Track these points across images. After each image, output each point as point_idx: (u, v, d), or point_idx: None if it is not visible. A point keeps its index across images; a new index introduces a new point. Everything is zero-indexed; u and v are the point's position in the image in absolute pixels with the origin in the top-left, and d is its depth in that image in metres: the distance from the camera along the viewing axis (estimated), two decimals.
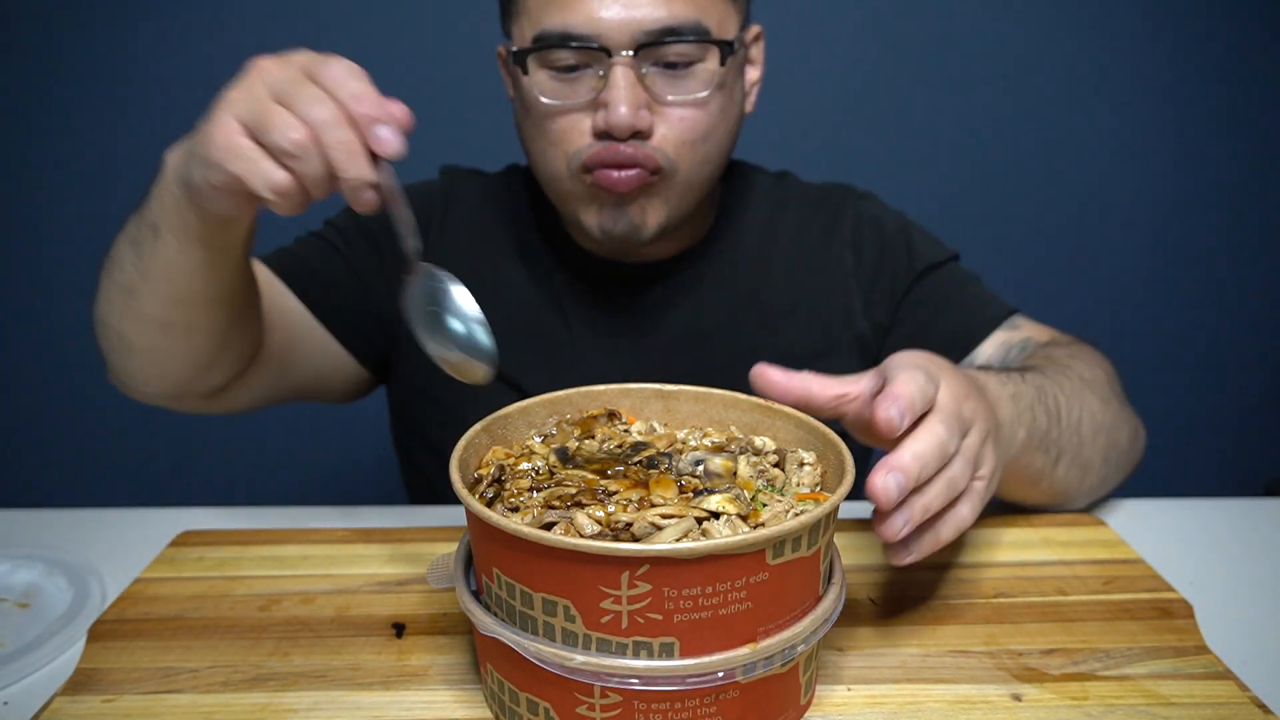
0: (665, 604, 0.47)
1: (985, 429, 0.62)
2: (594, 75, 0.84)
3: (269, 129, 0.57)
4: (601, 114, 0.84)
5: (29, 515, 0.89)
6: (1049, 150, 1.88)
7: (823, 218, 1.04)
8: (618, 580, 0.47)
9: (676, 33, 0.83)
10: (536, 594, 0.49)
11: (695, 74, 0.86)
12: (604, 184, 0.86)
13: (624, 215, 0.89)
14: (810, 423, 0.61)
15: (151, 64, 1.76)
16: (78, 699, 0.59)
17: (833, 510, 0.52)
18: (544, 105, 0.86)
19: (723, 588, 0.48)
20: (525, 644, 0.50)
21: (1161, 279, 1.96)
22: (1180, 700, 0.59)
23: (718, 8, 0.86)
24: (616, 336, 0.98)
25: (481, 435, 0.61)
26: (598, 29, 0.82)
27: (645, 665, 0.48)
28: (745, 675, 0.50)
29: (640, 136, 0.85)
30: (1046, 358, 0.88)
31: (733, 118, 0.92)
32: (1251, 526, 0.86)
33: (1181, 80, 1.85)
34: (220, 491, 1.84)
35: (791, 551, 0.49)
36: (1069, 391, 0.81)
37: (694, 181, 0.90)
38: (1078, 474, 0.81)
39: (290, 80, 0.58)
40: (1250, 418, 2.05)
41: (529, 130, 0.90)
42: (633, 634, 0.48)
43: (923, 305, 1.00)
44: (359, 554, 0.78)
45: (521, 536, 0.48)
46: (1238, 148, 1.89)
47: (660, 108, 0.85)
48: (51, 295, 1.86)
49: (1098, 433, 0.82)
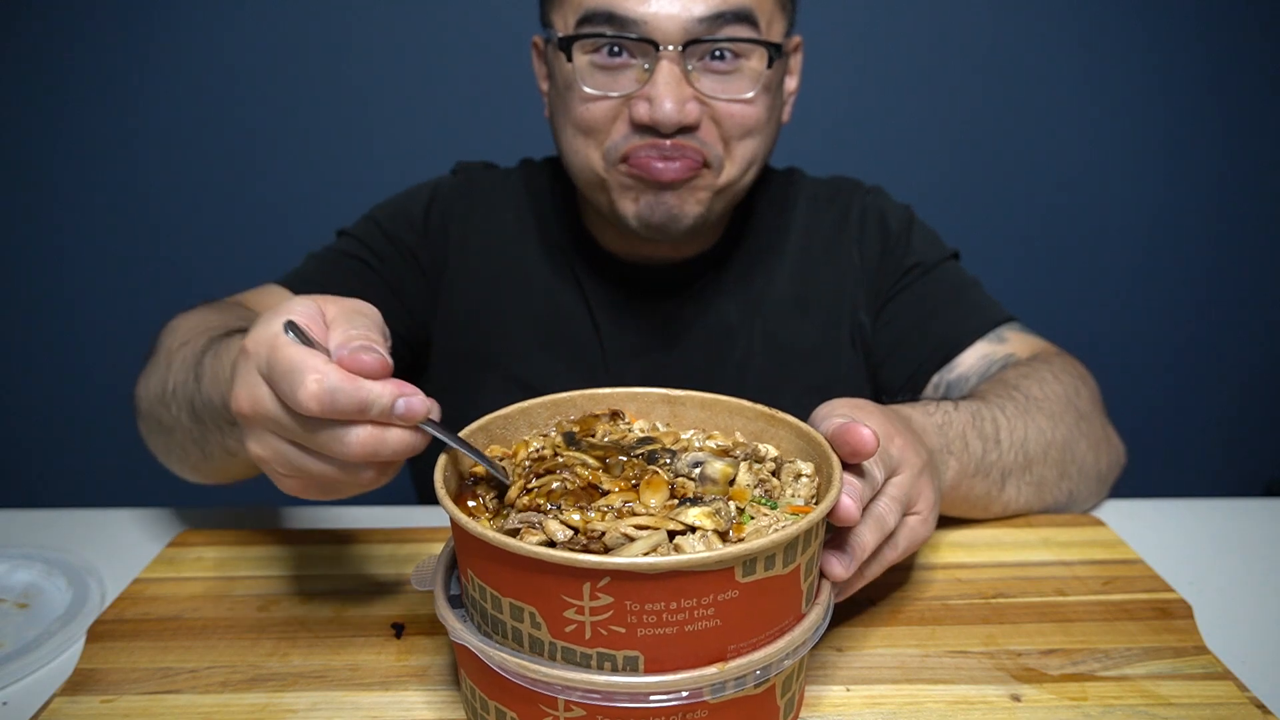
0: (628, 617, 0.46)
1: (918, 465, 0.62)
2: (639, 68, 0.83)
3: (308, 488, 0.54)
4: (644, 106, 0.82)
5: (29, 515, 0.89)
6: (1050, 150, 1.88)
7: (832, 212, 1.04)
8: (579, 591, 0.46)
9: (726, 19, 0.82)
10: (505, 599, 0.49)
11: (742, 73, 0.85)
12: (645, 172, 0.84)
13: (662, 203, 0.87)
14: (810, 433, 0.59)
15: (152, 61, 1.76)
16: (77, 699, 0.59)
17: (812, 528, 0.50)
18: (585, 93, 0.85)
19: (688, 604, 0.46)
20: (490, 653, 0.49)
21: (1161, 279, 1.96)
22: (1179, 701, 0.59)
23: (767, 6, 0.86)
24: (641, 337, 0.98)
25: (479, 434, 0.61)
26: (646, 16, 0.81)
27: (606, 680, 0.47)
28: (714, 695, 0.49)
29: (686, 131, 0.84)
30: (998, 381, 0.88)
31: (774, 123, 0.92)
32: (1250, 526, 0.86)
33: (1181, 80, 1.85)
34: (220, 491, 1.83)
35: (764, 570, 0.48)
36: (1011, 413, 0.81)
37: (736, 181, 0.89)
38: (1031, 492, 0.82)
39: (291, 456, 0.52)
40: (1249, 418, 2.05)
41: (565, 122, 0.89)
42: (596, 645, 0.47)
43: (911, 307, 1.00)
44: (359, 554, 0.78)
45: (488, 541, 0.47)
46: (1238, 148, 1.89)
47: (708, 104, 0.84)
48: (52, 296, 1.86)
49: (1048, 449, 0.82)
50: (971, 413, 0.78)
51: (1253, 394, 2.03)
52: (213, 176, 1.80)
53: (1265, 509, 0.90)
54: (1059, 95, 1.85)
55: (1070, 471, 0.84)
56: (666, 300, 0.99)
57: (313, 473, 0.52)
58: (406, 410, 0.50)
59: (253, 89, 1.78)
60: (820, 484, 0.58)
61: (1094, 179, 1.90)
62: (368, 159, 1.77)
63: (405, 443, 0.51)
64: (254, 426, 0.53)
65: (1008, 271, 1.85)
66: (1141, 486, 0.92)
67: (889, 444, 0.61)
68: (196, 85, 1.78)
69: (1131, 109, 1.86)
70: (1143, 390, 1.98)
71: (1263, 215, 1.93)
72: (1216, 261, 1.96)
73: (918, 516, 0.63)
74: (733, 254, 1.00)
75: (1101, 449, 0.88)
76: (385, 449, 0.51)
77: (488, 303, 1.01)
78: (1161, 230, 1.93)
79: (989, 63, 1.82)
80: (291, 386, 0.48)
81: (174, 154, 1.81)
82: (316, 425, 0.50)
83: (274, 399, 0.51)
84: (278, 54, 1.76)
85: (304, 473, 0.53)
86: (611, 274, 0.99)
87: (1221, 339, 2.00)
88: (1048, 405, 0.84)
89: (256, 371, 0.51)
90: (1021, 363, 0.93)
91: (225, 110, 1.79)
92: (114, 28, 1.74)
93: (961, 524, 0.82)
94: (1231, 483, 2.06)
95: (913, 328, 0.98)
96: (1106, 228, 1.93)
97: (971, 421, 0.77)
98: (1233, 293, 1.98)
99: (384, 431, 0.50)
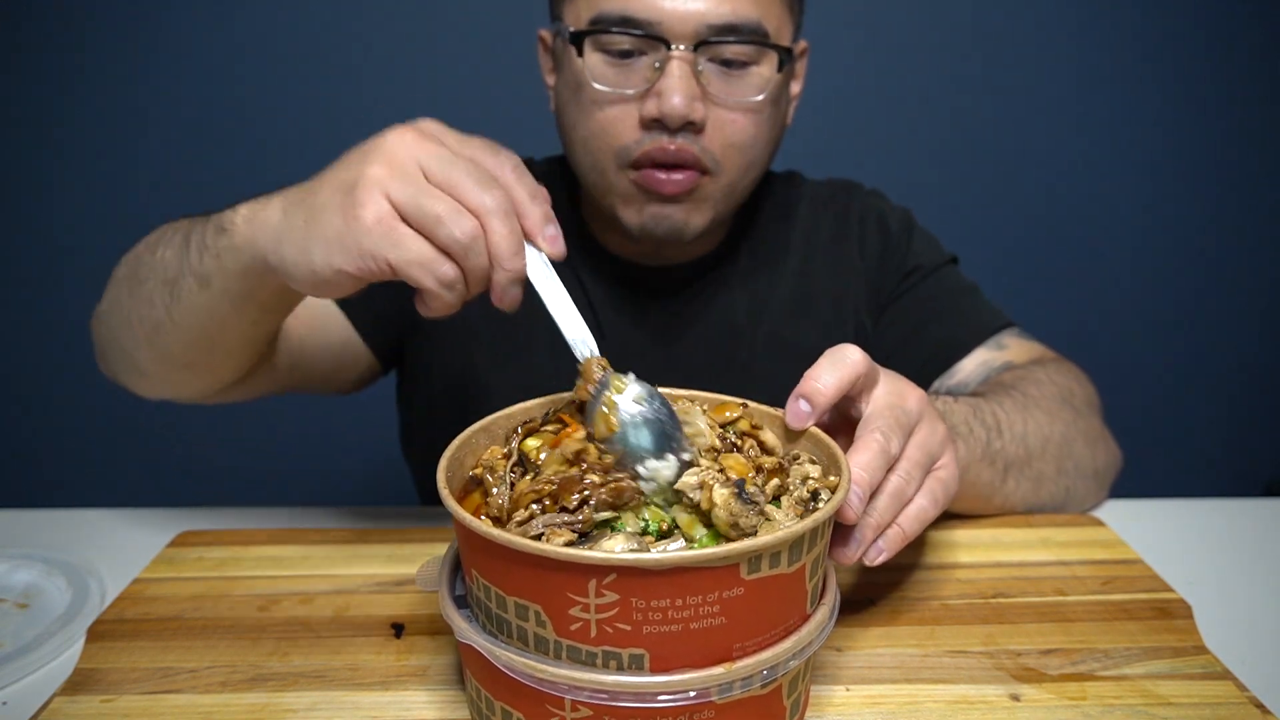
0: (634, 614, 0.46)
1: (933, 414, 0.62)
2: (649, 65, 0.83)
3: (438, 219, 0.53)
4: (654, 102, 0.82)
5: (29, 515, 0.89)
6: (1048, 152, 1.89)
7: (832, 214, 1.04)
8: (585, 588, 0.46)
9: (737, 30, 0.82)
10: (510, 598, 0.49)
11: (750, 76, 0.85)
12: (651, 185, 0.85)
13: (667, 217, 0.87)
14: (820, 436, 0.59)
15: (152, 61, 1.76)
16: (77, 699, 0.59)
17: (818, 526, 0.49)
18: (595, 90, 0.85)
19: (694, 601, 0.46)
20: (497, 653, 0.49)
21: (1161, 279, 1.97)
22: (1179, 700, 0.59)
23: (777, 13, 0.86)
24: (645, 338, 0.98)
25: (480, 435, 0.61)
26: (659, 16, 0.81)
27: (614, 680, 0.47)
28: (721, 696, 0.48)
29: (691, 130, 0.84)
30: (994, 384, 0.89)
31: (778, 127, 0.92)
32: (1250, 526, 0.86)
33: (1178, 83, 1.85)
34: (220, 491, 1.84)
35: (770, 567, 0.48)
36: (1009, 408, 0.81)
37: (737, 186, 0.90)
38: (1030, 486, 0.82)
39: (447, 160, 0.55)
40: (1249, 418, 2.05)
41: (573, 117, 0.88)
42: (602, 643, 0.47)
43: (910, 312, 1.00)
44: (359, 554, 0.78)
45: (493, 539, 0.47)
46: (1238, 149, 1.89)
47: (712, 107, 0.84)
48: (52, 296, 1.86)
49: (1046, 444, 0.82)
50: (971, 405, 0.78)
51: (1252, 394, 2.03)
52: (213, 176, 1.80)
53: (1265, 509, 0.90)
54: (1055, 99, 1.85)
55: (1068, 468, 0.84)
56: (670, 301, 0.99)
57: (425, 203, 0.53)
58: (553, 238, 0.56)
59: (252, 86, 1.78)
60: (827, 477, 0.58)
61: (1092, 180, 1.90)
62: None
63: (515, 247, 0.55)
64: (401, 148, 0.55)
65: (1006, 272, 1.85)
66: (1141, 486, 0.92)
67: (904, 401, 0.60)
68: (195, 85, 1.78)
69: (1129, 110, 1.86)
70: (1143, 390, 1.98)
71: (1262, 215, 1.94)
72: (1216, 262, 1.96)
73: (945, 470, 0.62)
74: (736, 256, 1.00)
75: (1098, 447, 0.88)
76: (496, 234, 0.54)
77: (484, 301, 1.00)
78: (1161, 231, 1.94)
79: (985, 68, 1.83)
80: (493, 148, 0.55)
81: (174, 153, 1.81)
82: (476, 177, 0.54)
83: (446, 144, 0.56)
84: (277, 51, 1.76)
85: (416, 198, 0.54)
86: (615, 276, 0.99)
87: (1221, 339, 2.00)
88: (1044, 403, 0.85)
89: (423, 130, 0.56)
90: (1018, 366, 0.93)
91: (225, 109, 1.79)
92: (114, 27, 1.74)
93: (961, 524, 0.82)
94: (1231, 483, 2.06)
95: (912, 333, 0.98)
96: (1105, 229, 1.94)
97: (972, 412, 0.77)
98: (1232, 293, 1.98)
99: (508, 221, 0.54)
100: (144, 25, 1.74)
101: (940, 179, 1.86)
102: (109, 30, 1.74)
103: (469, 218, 0.54)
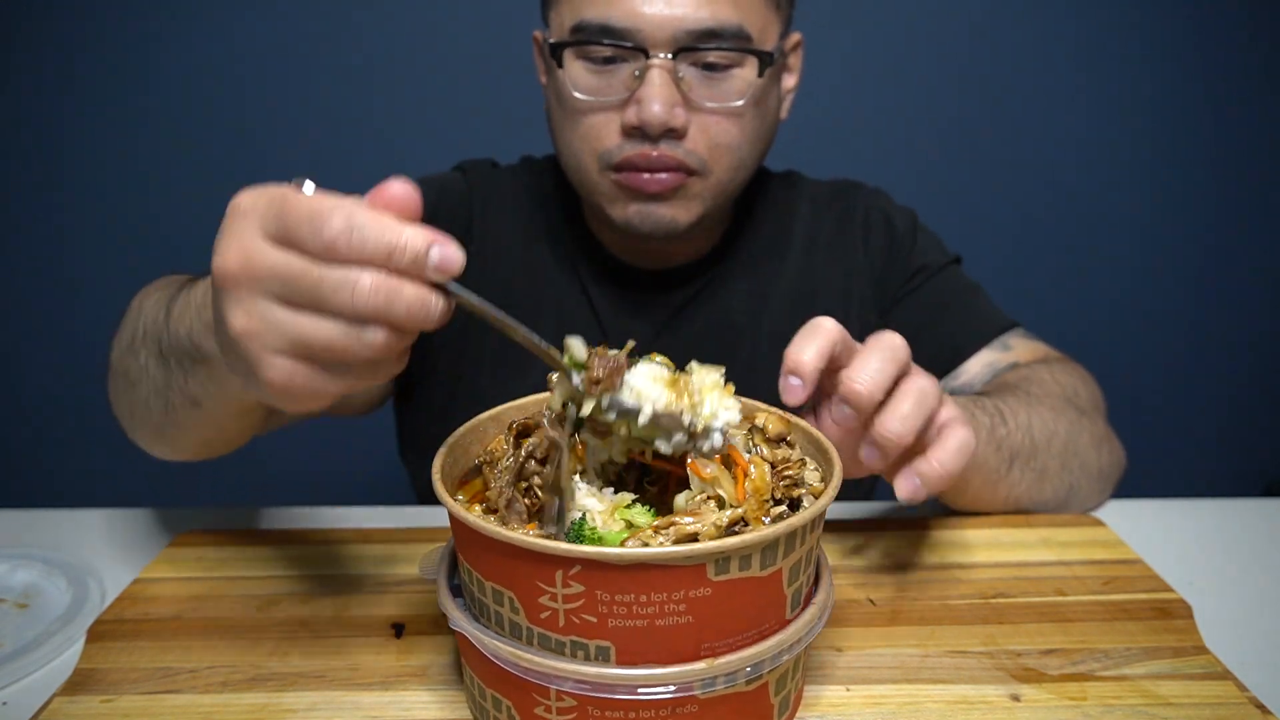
0: (599, 607, 0.47)
1: (934, 383, 0.63)
2: (630, 73, 0.83)
3: (328, 343, 0.45)
4: (634, 110, 0.83)
5: (29, 515, 0.89)
6: (1048, 152, 1.89)
7: (835, 213, 1.04)
8: (552, 577, 0.47)
9: (718, 35, 0.82)
10: (488, 583, 0.50)
11: (732, 79, 0.85)
12: (634, 185, 0.85)
13: (652, 213, 0.87)
14: (818, 437, 0.59)
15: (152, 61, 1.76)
16: (77, 699, 0.59)
17: (794, 531, 0.49)
18: (577, 99, 0.85)
19: (658, 598, 0.46)
20: (485, 640, 0.50)
21: (1161, 280, 1.96)
22: (1179, 700, 0.59)
23: (760, 14, 0.85)
24: (646, 337, 0.98)
25: (490, 424, 0.61)
26: (638, 24, 0.81)
27: (596, 671, 0.48)
28: (704, 690, 0.49)
29: (673, 136, 0.84)
30: (999, 385, 0.89)
31: (768, 125, 0.92)
32: (1250, 526, 0.86)
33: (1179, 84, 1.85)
34: (220, 491, 1.84)
35: (739, 570, 0.47)
36: (1014, 403, 0.81)
37: (727, 185, 0.90)
38: (1033, 479, 0.81)
39: (302, 280, 0.44)
40: (1249, 418, 2.05)
41: (560, 121, 0.89)
42: (570, 633, 0.48)
43: (915, 312, 1.00)
44: (358, 554, 0.78)
45: (472, 527, 0.48)
46: (1237, 150, 1.89)
47: (694, 111, 0.84)
48: (52, 296, 1.86)
49: (1051, 439, 0.82)
50: (973, 399, 0.79)
51: (1252, 394, 2.03)
52: (214, 176, 1.80)
53: (1265, 509, 0.90)
54: (1056, 99, 1.85)
55: (1072, 464, 0.84)
56: (671, 299, 0.99)
57: (309, 338, 0.44)
58: (441, 260, 0.43)
59: (252, 86, 1.78)
60: None
61: (1093, 181, 1.90)
62: (368, 156, 1.77)
63: (423, 300, 0.44)
64: (240, 289, 0.44)
65: (1008, 273, 1.84)
66: (1141, 486, 0.92)
67: (895, 352, 0.62)
68: (196, 85, 1.78)
69: (1129, 112, 1.86)
70: (1142, 390, 1.98)
71: (1261, 216, 1.94)
72: (1216, 262, 1.96)
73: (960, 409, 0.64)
74: (736, 254, 1.00)
75: (1103, 446, 0.88)
76: (400, 301, 0.43)
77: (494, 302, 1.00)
78: (1161, 231, 1.94)
79: (988, 68, 1.83)
80: (315, 229, 0.42)
81: (175, 154, 1.81)
82: (324, 271, 0.43)
83: (275, 248, 0.44)
84: (277, 51, 1.76)
85: (298, 340, 0.44)
86: (615, 275, 0.99)
87: (1220, 339, 2.00)
88: (1049, 400, 0.85)
89: (255, 226, 0.44)
90: (1022, 366, 0.93)
91: (225, 109, 1.79)
92: (115, 28, 1.74)
93: (961, 524, 0.82)
94: (1231, 483, 2.06)
95: (917, 334, 0.98)
96: (1105, 229, 1.94)
97: (975, 403, 0.78)
98: (1232, 293, 1.98)
99: (400, 281, 0.43)
100: (145, 25, 1.74)
101: (942, 179, 1.86)
102: (109, 30, 1.74)
103: (334, 332, 0.45)
